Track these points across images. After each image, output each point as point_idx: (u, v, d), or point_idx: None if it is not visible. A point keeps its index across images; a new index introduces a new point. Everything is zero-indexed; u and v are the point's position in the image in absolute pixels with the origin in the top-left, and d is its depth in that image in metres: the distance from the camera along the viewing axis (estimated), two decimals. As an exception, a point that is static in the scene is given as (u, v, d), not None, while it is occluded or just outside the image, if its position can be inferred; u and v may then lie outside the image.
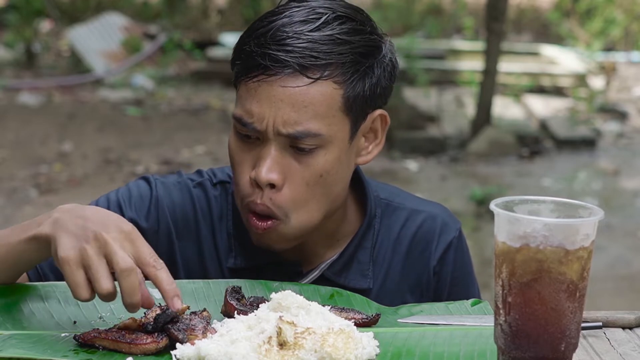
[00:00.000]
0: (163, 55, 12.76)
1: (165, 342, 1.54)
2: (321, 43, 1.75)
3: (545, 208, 1.46)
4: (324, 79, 1.75)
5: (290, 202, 1.78)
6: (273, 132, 1.75)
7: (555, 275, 1.39)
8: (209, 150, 9.03)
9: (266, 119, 1.75)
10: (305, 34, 1.75)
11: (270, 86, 1.75)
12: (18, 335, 1.59)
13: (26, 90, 11.17)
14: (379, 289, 1.94)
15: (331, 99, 1.76)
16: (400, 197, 2.01)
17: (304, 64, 1.74)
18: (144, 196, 1.93)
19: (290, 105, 1.74)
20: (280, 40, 1.75)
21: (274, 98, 1.75)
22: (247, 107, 1.77)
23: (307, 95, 1.75)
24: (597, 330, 1.70)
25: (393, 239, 1.96)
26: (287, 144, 1.76)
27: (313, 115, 1.75)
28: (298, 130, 1.75)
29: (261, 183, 1.76)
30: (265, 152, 1.77)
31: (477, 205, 7.49)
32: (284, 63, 1.74)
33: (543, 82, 11.71)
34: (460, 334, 1.64)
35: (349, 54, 1.77)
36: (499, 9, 9.42)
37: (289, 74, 1.74)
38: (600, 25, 13.59)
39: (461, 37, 14.33)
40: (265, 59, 1.75)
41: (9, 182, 7.96)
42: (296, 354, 1.48)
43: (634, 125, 10.66)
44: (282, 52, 1.74)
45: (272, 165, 1.76)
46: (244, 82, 1.78)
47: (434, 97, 10.61)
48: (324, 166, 1.78)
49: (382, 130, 1.89)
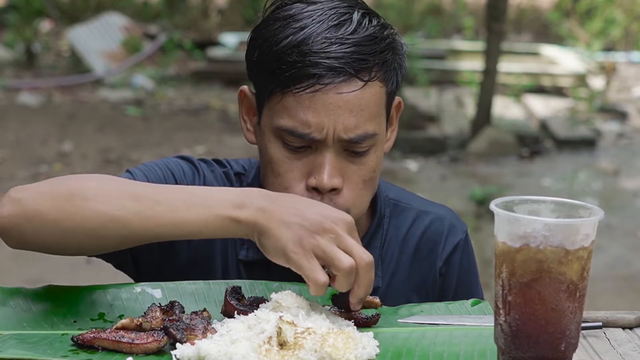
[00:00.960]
0: (163, 55, 12.76)
1: (166, 341, 1.54)
2: (364, 45, 1.77)
3: (545, 208, 1.46)
4: (373, 80, 1.78)
5: (351, 201, 1.80)
6: (333, 139, 1.76)
7: (555, 275, 1.39)
8: (209, 150, 9.03)
9: (326, 127, 1.75)
10: (347, 37, 1.76)
11: (326, 94, 1.75)
12: (18, 335, 1.59)
13: (26, 90, 11.17)
14: (386, 288, 1.95)
15: (380, 98, 1.80)
16: (408, 197, 2.03)
17: (356, 67, 1.76)
18: (193, 174, 1.92)
19: (349, 111, 1.76)
20: (325, 48, 1.75)
21: (332, 106, 1.75)
22: (302, 117, 1.75)
23: (362, 99, 1.77)
24: (597, 330, 1.70)
25: (401, 238, 1.98)
26: (342, 148, 1.78)
27: (369, 117, 1.78)
28: (358, 134, 1.77)
29: (324, 190, 1.77)
30: (322, 159, 1.77)
31: (477, 205, 7.49)
32: (338, 70, 1.74)
33: (543, 82, 11.71)
34: (460, 334, 1.64)
35: (387, 51, 1.80)
36: (499, 9, 9.42)
37: (342, 80, 1.75)
38: (600, 25, 13.59)
39: (461, 37, 14.33)
40: (317, 68, 1.74)
41: (9, 182, 7.95)
42: (296, 354, 1.48)
43: (634, 125, 10.66)
44: (333, 60, 1.74)
45: (332, 171, 1.77)
46: (291, 93, 1.76)
47: (434, 97, 10.61)
48: (375, 163, 1.82)
49: (397, 117, 1.93)
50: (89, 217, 1.60)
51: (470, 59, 11.94)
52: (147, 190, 1.64)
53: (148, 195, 1.62)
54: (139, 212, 1.60)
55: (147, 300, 1.70)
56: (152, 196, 1.61)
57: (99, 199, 1.61)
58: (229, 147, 9.12)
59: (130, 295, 1.73)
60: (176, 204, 1.60)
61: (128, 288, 1.74)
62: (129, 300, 1.72)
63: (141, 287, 1.75)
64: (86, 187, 1.62)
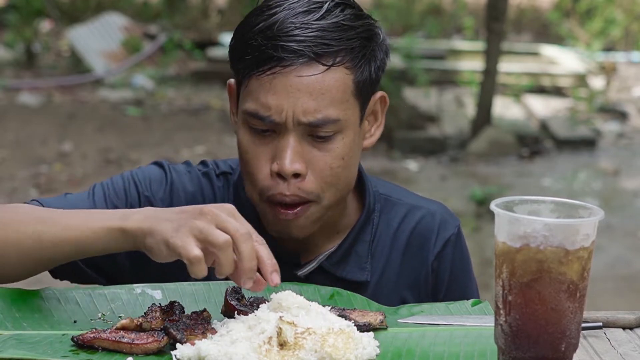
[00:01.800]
0: (163, 55, 12.76)
1: (166, 341, 1.54)
2: (330, 31, 1.78)
3: (545, 208, 1.46)
4: (337, 65, 1.78)
5: (319, 186, 1.81)
6: (293, 122, 1.77)
7: (555, 276, 1.39)
8: (209, 150, 9.03)
9: (285, 110, 1.77)
10: (312, 23, 1.78)
11: (286, 77, 1.77)
12: (18, 335, 1.59)
13: (26, 90, 11.17)
14: (377, 283, 1.95)
15: (344, 84, 1.80)
16: (399, 193, 2.03)
17: (318, 52, 1.77)
18: (160, 179, 1.95)
19: (308, 94, 1.77)
20: (289, 32, 1.77)
21: (291, 88, 1.77)
22: (263, 100, 1.78)
23: (323, 82, 1.78)
24: (597, 330, 1.70)
25: (392, 233, 1.97)
26: (306, 132, 1.79)
27: (330, 101, 1.78)
28: (318, 117, 1.78)
29: (286, 174, 1.78)
30: (284, 143, 1.79)
31: (477, 205, 7.49)
32: (298, 53, 1.76)
33: (543, 82, 11.70)
34: (460, 334, 1.64)
35: (356, 39, 1.81)
36: (499, 9, 9.42)
37: (303, 63, 1.77)
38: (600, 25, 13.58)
39: (461, 37, 14.33)
40: (278, 51, 1.76)
41: (9, 182, 7.96)
42: (296, 354, 1.48)
43: (634, 125, 10.66)
44: (294, 43, 1.76)
45: (294, 155, 1.78)
46: (255, 76, 1.79)
47: (434, 97, 10.61)
48: (343, 149, 1.82)
49: (382, 112, 1.93)
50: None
51: (470, 59, 11.94)
52: (51, 215, 1.71)
53: (48, 218, 1.69)
54: (38, 234, 1.67)
55: (147, 301, 1.70)
56: (51, 219, 1.69)
57: (5, 227, 1.69)
58: (229, 147, 9.12)
59: (130, 297, 1.73)
60: (71, 222, 1.67)
61: (128, 289, 1.74)
62: (128, 301, 1.72)
63: (141, 288, 1.75)
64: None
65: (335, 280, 1.91)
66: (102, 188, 1.92)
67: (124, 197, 1.91)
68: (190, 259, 1.54)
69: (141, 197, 1.91)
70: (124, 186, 1.92)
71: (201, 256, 1.54)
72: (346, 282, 1.91)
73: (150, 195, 1.92)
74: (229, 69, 1.91)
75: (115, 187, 1.92)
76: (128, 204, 1.90)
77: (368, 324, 1.63)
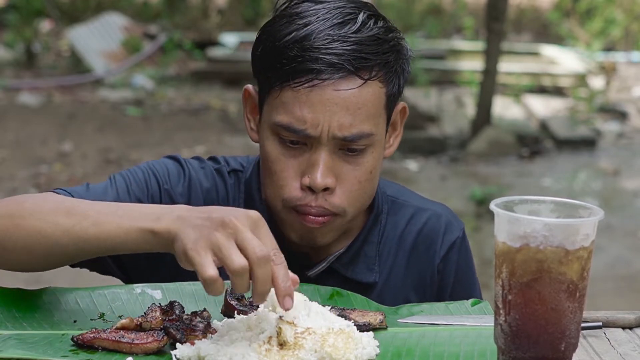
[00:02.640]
0: (163, 55, 12.76)
1: (166, 340, 1.54)
2: (367, 44, 1.77)
3: (545, 208, 1.46)
4: (372, 80, 1.78)
5: (346, 201, 1.81)
6: (328, 136, 1.76)
7: (555, 275, 1.39)
8: (209, 150, 9.03)
9: (320, 124, 1.75)
10: (350, 35, 1.76)
11: (323, 91, 1.75)
12: (18, 335, 1.59)
13: (26, 90, 11.17)
14: (383, 284, 1.95)
15: (379, 98, 1.80)
16: (405, 195, 2.03)
17: (356, 65, 1.76)
18: (177, 173, 1.93)
19: (345, 109, 1.76)
20: (327, 44, 1.75)
21: (328, 102, 1.75)
22: (298, 113, 1.76)
23: (360, 97, 1.77)
24: (597, 330, 1.70)
25: (398, 235, 1.98)
26: (337, 147, 1.78)
27: (366, 116, 1.78)
28: (353, 132, 1.77)
29: (317, 189, 1.77)
30: (317, 157, 1.77)
31: (477, 205, 7.49)
32: (337, 66, 1.74)
33: (543, 82, 11.71)
34: (460, 334, 1.64)
35: (390, 52, 1.81)
36: (499, 9, 9.42)
37: (341, 77, 1.75)
38: (600, 25, 13.58)
39: (461, 37, 14.33)
40: (317, 63, 1.74)
41: (9, 182, 7.96)
42: (296, 354, 1.48)
43: (634, 125, 10.66)
44: (333, 56, 1.74)
45: (326, 170, 1.77)
46: (289, 87, 1.76)
47: (434, 97, 10.61)
48: (372, 164, 1.82)
49: (401, 123, 1.94)
50: (24, 235, 1.64)
51: (470, 59, 11.94)
52: (80, 206, 1.66)
53: (78, 211, 1.64)
54: (67, 227, 1.62)
55: (147, 301, 1.70)
56: (81, 212, 1.64)
57: (33, 217, 1.65)
58: (228, 147, 9.12)
59: (130, 297, 1.73)
60: (101, 218, 1.61)
61: (128, 289, 1.74)
62: (128, 301, 1.72)
63: (141, 288, 1.75)
64: (23, 206, 1.67)
65: (344, 281, 1.92)
66: (123, 179, 1.88)
67: (145, 189, 1.88)
68: (205, 279, 1.48)
69: (162, 190, 1.89)
70: (145, 177, 1.89)
71: (216, 276, 1.48)
72: (355, 283, 1.91)
73: (170, 189, 1.90)
74: (229, 69, 1.92)
75: (136, 178, 1.89)
76: (149, 195, 1.88)
77: (368, 323, 1.63)
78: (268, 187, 1.84)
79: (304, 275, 1.89)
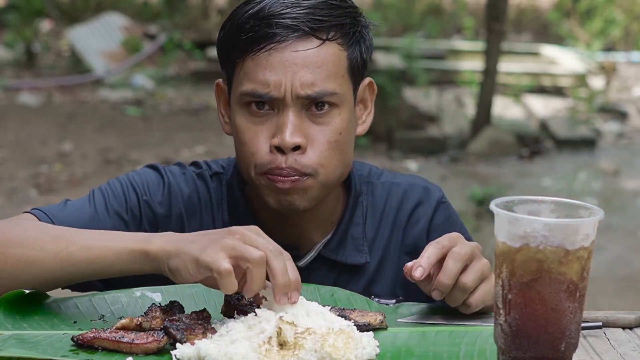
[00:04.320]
0: (163, 55, 12.75)
1: (166, 340, 1.54)
2: (320, 8, 1.83)
3: (545, 208, 1.46)
4: (330, 40, 1.83)
5: (317, 161, 1.83)
6: (292, 96, 1.81)
7: (555, 275, 1.39)
8: (209, 150, 9.03)
9: (283, 84, 1.80)
10: (303, 2, 1.83)
11: (282, 53, 1.80)
12: (18, 335, 1.59)
13: (26, 90, 11.17)
14: (378, 265, 1.97)
15: (339, 59, 1.84)
16: (377, 174, 2.06)
17: (311, 26, 1.81)
18: (157, 182, 1.96)
19: (305, 68, 1.81)
20: (281, 11, 1.81)
21: (288, 63, 1.80)
22: (260, 78, 1.81)
23: (319, 56, 1.82)
24: (597, 330, 1.70)
25: (379, 214, 2.00)
26: (304, 107, 1.82)
27: (327, 75, 1.82)
28: (316, 90, 1.81)
29: (286, 147, 1.80)
30: (284, 118, 1.81)
31: (477, 205, 7.49)
32: (292, 28, 1.80)
33: (543, 82, 11.70)
34: (460, 334, 1.64)
35: (345, 16, 1.86)
36: (499, 9, 9.42)
37: (298, 37, 1.81)
38: (600, 25, 13.58)
39: (461, 37, 14.32)
40: (272, 28, 1.80)
41: (9, 182, 7.96)
42: (296, 354, 1.48)
43: (634, 125, 10.66)
44: (288, 19, 1.80)
45: (294, 129, 1.81)
46: (250, 56, 1.82)
47: (434, 97, 10.60)
48: (340, 124, 1.85)
49: (371, 100, 1.97)
50: (10, 262, 1.69)
51: (470, 59, 11.93)
52: (67, 232, 1.72)
53: (66, 236, 1.70)
54: (55, 252, 1.68)
55: (147, 304, 1.70)
56: (69, 237, 1.69)
57: (20, 244, 1.70)
58: (229, 147, 9.12)
59: (130, 300, 1.73)
60: (90, 242, 1.67)
61: (128, 292, 1.75)
62: (128, 304, 1.72)
63: (141, 291, 1.75)
64: (8, 234, 1.72)
65: (335, 265, 1.94)
66: (102, 194, 1.92)
67: (124, 202, 1.92)
68: (221, 272, 1.53)
69: (140, 201, 1.92)
70: (123, 190, 1.93)
71: (231, 269, 1.54)
72: (346, 266, 1.94)
73: (149, 199, 1.93)
74: (229, 69, 1.92)
75: (115, 192, 1.93)
76: (128, 208, 1.91)
77: (368, 324, 1.64)
78: (242, 160, 1.88)
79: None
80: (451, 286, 1.64)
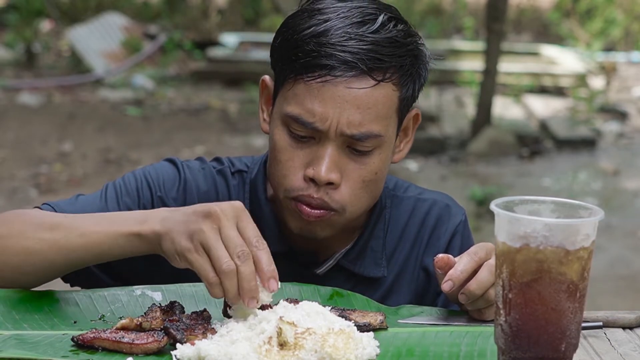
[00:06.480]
0: (163, 55, 12.75)
1: (166, 341, 1.54)
2: (383, 45, 1.78)
3: (546, 208, 1.46)
4: (386, 81, 1.78)
5: (348, 198, 1.81)
6: (335, 132, 1.78)
7: (555, 276, 1.39)
8: (209, 150, 9.03)
9: (329, 119, 1.77)
10: (367, 35, 1.77)
11: (335, 87, 1.76)
12: (18, 335, 1.59)
13: (26, 90, 11.17)
14: (395, 279, 1.96)
15: (391, 101, 1.80)
16: (404, 187, 2.04)
17: (370, 66, 1.76)
18: (173, 177, 1.95)
19: (355, 107, 1.77)
20: (343, 42, 1.76)
21: (339, 99, 1.77)
22: (308, 106, 1.78)
23: (371, 97, 1.78)
24: (597, 330, 1.70)
25: (401, 228, 1.99)
26: (345, 144, 1.79)
27: (375, 117, 1.78)
28: (361, 131, 1.78)
29: (320, 182, 1.79)
30: (323, 151, 1.79)
31: (477, 205, 7.49)
32: (351, 65, 1.76)
33: (543, 82, 11.70)
34: (461, 334, 1.64)
35: (406, 56, 1.81)
36: (499, 9, 9.41)
37: (354, 75, 1.76)
38: (600, 25, 13.58)
39: (461, 37, 14.33)
40: (331, 60, 1.76)
41: (9, 182, 7.96)
42: (296, 354, 1.48)
43: (634, 125, 10.66)
44: (348, 54, 1.76)
45: (331, 164, 1.79)
46: (302, 80, 1.78)
47: (434, 97, 10.60)
48: (378, 165, 1.82)
49: (413, 129, 1.94)
50: (11, 254, 1.71)
51: (470, 59, 11.93)
52: (64, 220, 1.73)
53: (64, 224, 1.71)
54: (53, 241, 1.69)
55: (147, 303, 1.70)
56: (66, 225, 1.71)
57: (20, 235, 1.71)
58: (228, 147, 9.12)
59: (130, 298, 1.73)
60: (86, 229, 1.69)
61: (128, 291, 1.74)
62: (129, 303, 1.72)
63: (141, 290, 1.75)
64: (8, 226, 1.73)
65: (352, 277, 1.93)
66: (115, 188, 1.92)
67: (137, 198, 1.91)
68: (211, 283, 1.57)
69: (154, 198, 1.91)
70: (137, 186, 1.92)
71: (218, 282, 1.56)
72: (363, 278, 1.93)
73: (163, 195, 1.92)
74: (229, 69, 1.92)
75: (128, 188, 1.92)
76: (141, 204, 1.90)
77: (368, 324, 1.64)
78: (273, 176, 1.86)
79: (312, 273, 1.90)
80: (480, 296, 1.64)
